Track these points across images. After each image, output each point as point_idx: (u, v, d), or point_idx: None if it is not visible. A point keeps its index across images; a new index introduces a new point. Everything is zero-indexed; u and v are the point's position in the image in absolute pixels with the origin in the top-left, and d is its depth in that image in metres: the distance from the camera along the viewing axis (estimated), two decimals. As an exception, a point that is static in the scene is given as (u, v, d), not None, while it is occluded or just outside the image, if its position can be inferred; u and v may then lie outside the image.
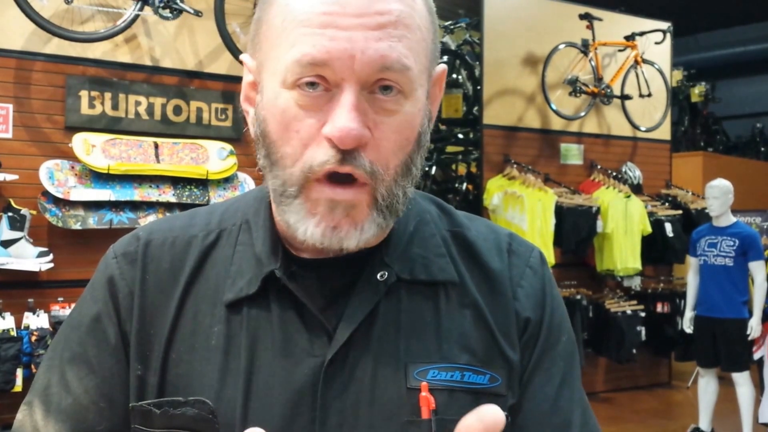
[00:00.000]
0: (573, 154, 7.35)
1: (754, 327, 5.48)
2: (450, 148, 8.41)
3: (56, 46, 4.50)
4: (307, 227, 0.79)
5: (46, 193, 4.29)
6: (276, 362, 0.83)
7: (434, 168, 7.89)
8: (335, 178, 0.78)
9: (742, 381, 5.54)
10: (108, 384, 0.87)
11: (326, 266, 0.85)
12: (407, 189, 0.83)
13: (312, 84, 0.77)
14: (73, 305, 3.70)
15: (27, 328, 4.14)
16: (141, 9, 4.53)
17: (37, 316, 4.18)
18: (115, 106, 4.64)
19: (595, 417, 0.96)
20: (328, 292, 0.85)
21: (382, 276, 0.85)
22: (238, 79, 5.08)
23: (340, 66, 0.75)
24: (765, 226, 7.66)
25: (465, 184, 7.63)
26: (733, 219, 5.68)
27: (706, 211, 5.94)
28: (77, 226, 4.26)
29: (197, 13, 4.69)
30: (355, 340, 0.83)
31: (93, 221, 4.30)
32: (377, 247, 0.86)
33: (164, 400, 0.83)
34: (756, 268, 5.51)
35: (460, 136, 8.03)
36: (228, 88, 5.08)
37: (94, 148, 4.35)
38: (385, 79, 0.77)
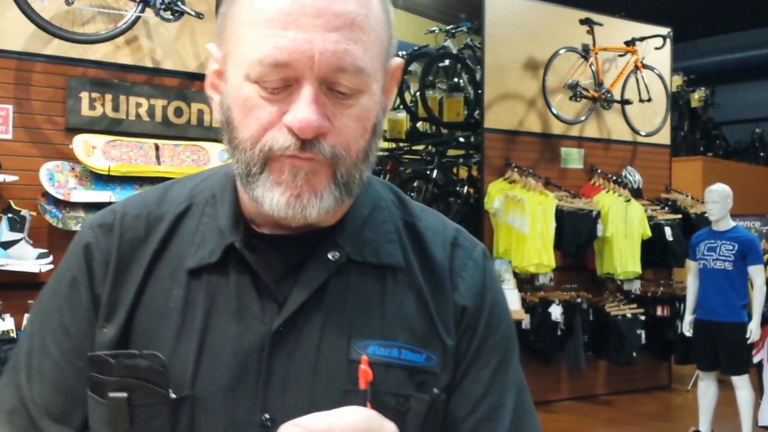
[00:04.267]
0: (573, 158, 7.36)
1: (753, 331, 5.49)
2: (451, 152, 8.42)
3: (57, 48, 4.51)
4: (273, 197, 0.85)
5: (46, 195, 4.30)
6: (229, 326, 0.89)
7: (435, 171, 7.90)
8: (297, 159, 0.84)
9: (742, 384, 5.54)
10: (84, 345, 0.93)
11: (283, 242, 0.92)
12: (364, 173, 0.90)
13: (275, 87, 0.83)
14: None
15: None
16: (142, 11, 4.54)
17: (37, 317, 4.18)
18: (115, 108, 4.64)
19: (531, 400, 1.04)
20: (282, 266, 0.91)
21: (333, 256, 0.91)
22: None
23: (300, 66, 0.81)
24: (764, 231, 7.67)
25: (466, 188, 7.63)
26: (732, 223, 5.69)
27: (706, 215, 5.95)
28: (77, 228, 4.26)
29: (198, 15, 4.69)
30: (304, 312, 0.89)
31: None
32: (332, 228, 0.93)
33: (120, 352, 0.89)
34: (755, 272, 5.52)
35: (461, 139, 8.04)
36: (229, 90, 5.09)
37: (94, 150, 4.35)
38: (341, 84, 0.83)
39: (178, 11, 4.63)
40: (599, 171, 7.38)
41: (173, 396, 0.87)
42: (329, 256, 0.91)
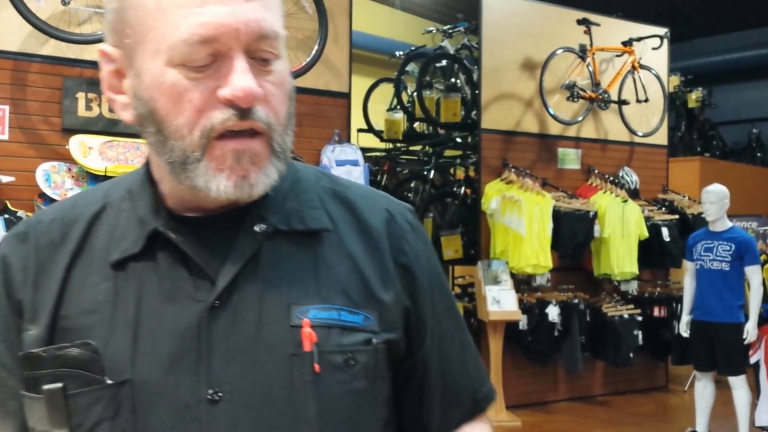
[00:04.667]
0: (570, 158, 7.37)
1: (750, 331, 5.49)
2: (448, 152, 8.42)
3: (53, 48, 4.50)
4: (219, 183, 0.86)
5: (42, 195, 4.29)
6: (162, 308, 0.89)
7: (432, 172, 7.90)
8: (235, 135, 0.86)
9: (739, 385, 5.54)
10: (6, 355, 0.94)
11: (207, 223, 0.93)
12: (291, 140, 0.92)
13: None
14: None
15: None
16: (139, 11, 4.53)
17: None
18: (112, 108, 4.63)
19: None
20: (210, 245, 0.92)
21: (260, 228, 0.93)
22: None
23: (226, 39, 0.83)
24: (761, 231, 7.67)
25: (463, 188, 7.64)
26: (729, 224, 5.69)
27: (703, 215, 5.95)
28: (74, 228, 4.25)
29: (195, 16, 4.69)
30: (238, 285, 0.90)
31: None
32: (254, 203, 0.93)
33: (51, 347, 0.90)
34: (752, 272, 5.52)
35: (459, 140, 8.04)
36: (225, 90, 5.07)
37: (91, 151, 4.35)
38: (264, 50, 0.86)
39: (174, 12, 4.62)
40: (596, 171, 7.38)
41: (109, 381, 0.87)
42: (256, 228, 0.93)
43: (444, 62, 7.84)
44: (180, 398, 0.87)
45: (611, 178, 7.31)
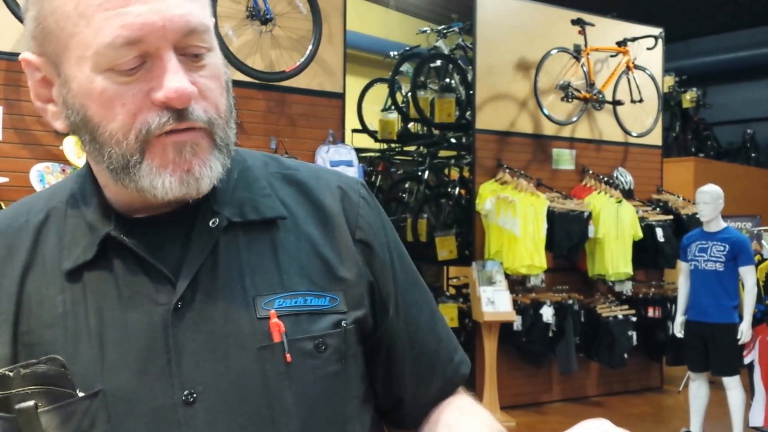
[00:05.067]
0: (565, 159, 7.37)
1: (744, 332, 5.49)
2: (443, 153, 8.42)
3: (47, 49, 4.48)
4: (164, 180, 0.84)
5: (36, 196, 4.27)
6: (125, 315, 0.87)
7: (427, 172, 7.90)
8: (173, 133, 0.83)
9: (733, 385, 5.55)
10: None
11: (159, 222, 0.91)
12: (233, 132, 0.90)
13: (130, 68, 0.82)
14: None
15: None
16: (132, 12, 4.52)
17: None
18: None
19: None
20: (165, 245, 0.90)
21: (213, 222, 0.91)
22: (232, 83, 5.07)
23: (153, 38, 0.80)
24: (755, 231, 7.68)
25: (457, 189, 7.63)
26: (723, 224, 5.69)
27: (697, 216, 5.96)
28: (67, 229, 4.24)
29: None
30: (199, 283, 0.89)
31: None
32: (205, 198, 0.91)
33: (17, 365, 0.86)
34: (746, 273, 5.53)
35: (453, 140, 8.04)
36: (220, 91, 5.06)
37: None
38: (194, 45, 0.83)
39: (168, 12, 4.60)
40: (591, 172, 7.39)
41: (81, 394, 0.85)
42: (210, 223, 0.91)
43: (438, 62, 7.83)
44: (155, 403, 0.86)
45: (606, 179, 7.32)
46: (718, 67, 13.55)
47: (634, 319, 7.02)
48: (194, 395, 0.86)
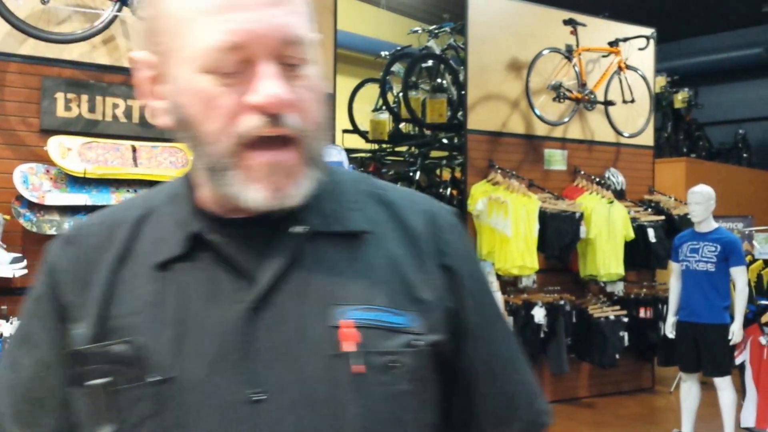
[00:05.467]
0: (557, 159, 7.35)
1: (735, 332, 5.48)
2: (434, 153, 8.39)
3: (32, 47, 4.43)
4: (253, 193, 0.87)
5: (20, 198, 4.22)
6: (205, 309, 0.90)
7: (418, 173, 7.87)
8: (266, 142, 0.85)
9: (724, 386, 5.54)
10: (48, 354, 0.96)
11: (247, 225, 0.93)
12: (324, 144, 0.93)
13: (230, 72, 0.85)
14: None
15: (0, 336, 4.06)
16: (119, 10, 4.47)
17: (11, 323, 4.09)
18: (92, 109, 4.57)
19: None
20: (250, 246, 0.92)
21: (300, 229, 0.93)
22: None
23: (254, 45, 0.83)
24: (747, 232, 7.68)
25: (449, 190, 7.61)
26: (715, 225, 5.68)
27: (689, 216, 5.94)
28: (52, 232, 4.19)
29: (176, 15, 4.63)
30: (279, 286, 0.90)
31: (68, 226, 4.22)
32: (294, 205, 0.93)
33: (96, 344, 0.91)
34: (737, 273, 5.51)
35: (445, 141, 8.01)
36: (208, 91, 5.01)
37: (70, 152, 4.28)
38: (291, 56, 0.86)
39: (155, 11, 4.55)
40: (582, 172, 7.37)
41: (153, 379, 0.88)
42: (296, 230, 0.92)
43: (430, 62, 7.81)
44: (223, 397, 0.87)
45: (597, 179, 7.30)
46: (710, 68, 13.57)
47: (625, 319, 7.00)
48: (262, 395, 0.87)
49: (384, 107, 8.17)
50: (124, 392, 0.88)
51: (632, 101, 7.55)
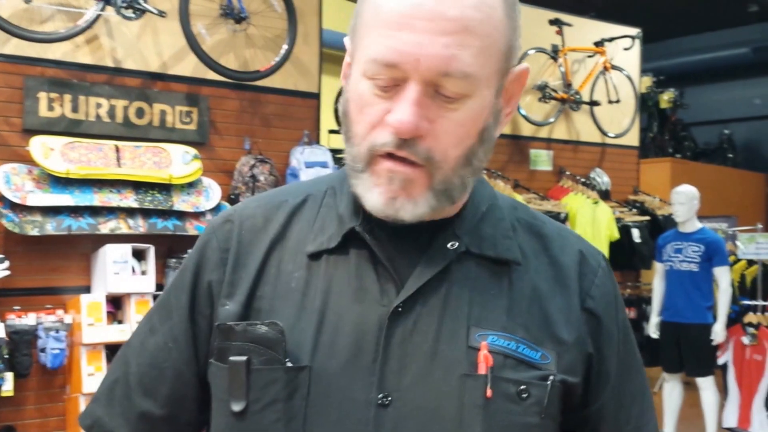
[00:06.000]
0: (542, 160, 7.36)
1: (718, 332, 5.52)
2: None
3: (14, 47, 4.39)
4: (372, 196, 0.89)
5: (2, 198, 4.18)
6: (347, 306, 0.93)
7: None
8: (395, 158, 0.88)
9: (707, 386, 5.57)
10: (177, 327, 1.01)
11: (402, 231, 0.94)
12: (467, 179, 0.92)
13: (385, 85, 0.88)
14: (30, 314, 3.56)
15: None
16: (103, 9, 4.45)
17: (-6, 323, 4.08)
18: (75, 109, 4.54)
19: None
20: (402, 252, 0.94)
21: (452, 245, 0.94)
22: (203, 81, 5.01)
23: (406, 67, 0.85)
24: (731, 232, 7.71)
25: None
26: (698, 225, 5.71)
27: (673, 216, 5.97)
28: (35, 233, 4.16)
29: (161, 14, 4.61)
30: (422, 296, 0.92)
31: (51, 227, 4.19)
32: (450, 220, 0.96)
33: (243, 322, 0.94)
34: (721, 273, 5.55)
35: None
36: (193, 90, 4.99)
37: (52, 152, 4.25)
38: (446, 88, 0.86)
39: (140, 9, 4.53)
40: (568, 173, 7.38)
41: (290, 364, 0.90)
42: (448, 245, 0.94)
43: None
44: (352, 395, 0.89)
45: (582, 180, 7.32)
46: (695, 68, 13.63)
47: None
48: (389, 399, 0.88)
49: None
50: (261, 372, 0.91)
51: (617, 101, 7.57)
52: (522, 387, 0.90)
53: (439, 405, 0.88)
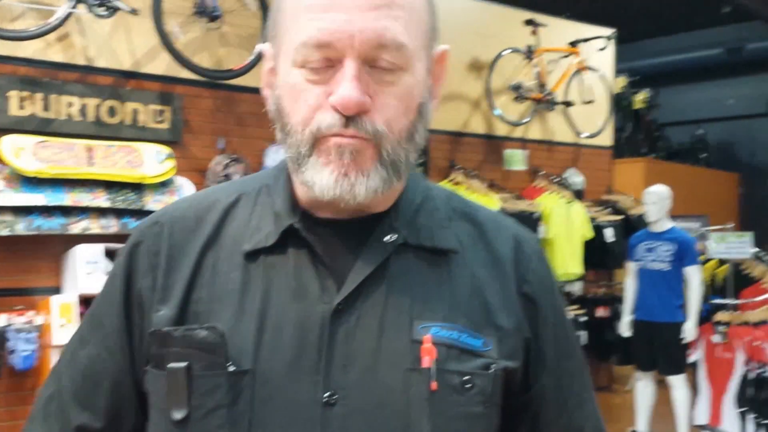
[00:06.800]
0: (517, 159, 7.39)
1: (689, 331, 5.57)
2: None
3: (-16, 45, 4.35)
4: (322, 177, 0.88)
5: (-28, 197, 4.13)
6: (288, 305, 0.91)
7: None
8: (342, 137, 0.87)
9: (678, 384, 5.63)
10: (110, 337, 0.99)
11: (339, 226, 0.95)
12: (410, 154, 0.92)
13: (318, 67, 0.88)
14: (0, 316, 3.51)
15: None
16: (74, 6, 4.41)
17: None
18: (46, 107, 4.50)
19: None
20: (341, 248, 0.94)
21: (390, 238, 0.94)
22: (176, 80, 4.98)
23: (340, 45, 0.85)
24: (702, 232, 7.79)
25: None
26: (669, 224, 5.77)
27: (645, 216, 6.02)
28: (5, 232, 4.12)
29: (133, 12, 4.58)
30: (363, 291, 0.91)
31: (22, 227, 4.15)
32: (386, 213, 0.96)
33: (181, 327, 0.92)
34: (692, 272, 5.60)
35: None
36: (165, 89, 4.97)
37: (23, 151, 4.21)
38: (383, 59, 0.87)
39: (112, 7, 4.50)
40: (542, 172, 7.42)
41: (232, 369, 0.89)
42: (386, 238, 0.94)
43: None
44: (297, 396, 0.88)
45: (557, 179, 7.35)
46: (669, 68, 13.73)
47: (583, 319, 7.06)
48: (335, 398, 0.88)
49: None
50: (203, 378, 0.89)
51: (591, 102, 7.62)
52: (466, 377, 0.91)
53: (386, 400, 0.88)
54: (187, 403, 0.89)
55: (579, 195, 7.50)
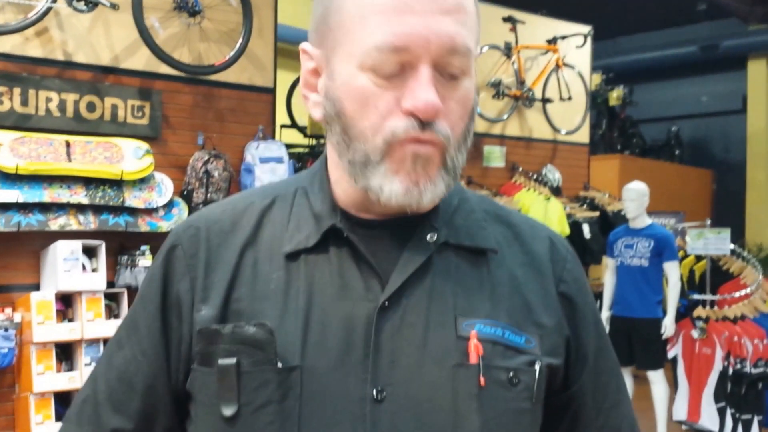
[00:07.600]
0: (495, 156, 7.42)
1: (668, 326, 5.63)
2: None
3: (-40, 39, 4.28)
4: (392, 185, 0.88)
5: (-52, 193, 4.07)
6: (333, 303, 0.92)
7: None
8: (414, 143, 0.87)
9: (657, 379, 5.68)
10: (146, 339, 0.99)
11: (380, 226, 0.95)
12: (464, 157, 0.93)
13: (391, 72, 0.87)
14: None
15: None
16: (54, 1, 4.35)
17: (-61, 322, 3.97)
18: (24, 102, 4.44)
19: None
20: (383, 248, 0.94)
21: (431, 237, 0.95)
22: (155, 76, 4.93)
23: (417, 49, 0.85)
24: (679, 228, 7.87)
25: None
26: (648, 221, 5.81)
27: (623, 213, 6.06)
28: (-18, 228, 4.06)
29: (113, 6, 4.52)
30: (407, 289, 0.92)
31: (0, 223, 4.10)
32: (426, 214, 0.96)
33: (229, 324, 0.92)
34: (670, 268, 5.65)
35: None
36: (145, 84, 4.92)
37: (1, 147, 4.15)
38: (452, 65, 0.87)
39: (91, 2, 4.45)
40: (520, 169, 7.45)
41: (281, 365, 0.89)
42: (427, 237, 0.95)
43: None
44: (346, 392, 0.89)
45: (535, 176, 7.39)
46: (644, 66, 13.84)
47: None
48: (384, 394, 0.88)
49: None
50: (252, 374, 0.89)
51: (569, 99, 7.67)
52: (512, 373, 0.92)
53: (434, 396, 0.89)
54: (237, 399, 0.90)
55: (556, 191, 7.55)
